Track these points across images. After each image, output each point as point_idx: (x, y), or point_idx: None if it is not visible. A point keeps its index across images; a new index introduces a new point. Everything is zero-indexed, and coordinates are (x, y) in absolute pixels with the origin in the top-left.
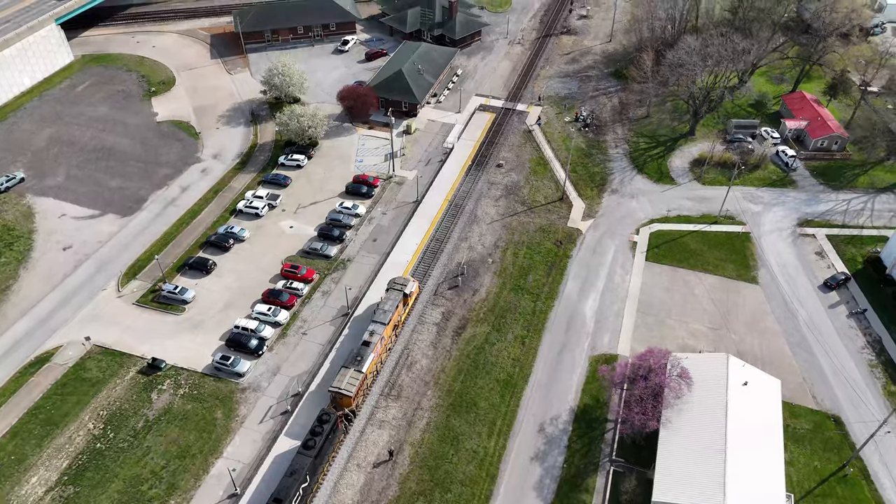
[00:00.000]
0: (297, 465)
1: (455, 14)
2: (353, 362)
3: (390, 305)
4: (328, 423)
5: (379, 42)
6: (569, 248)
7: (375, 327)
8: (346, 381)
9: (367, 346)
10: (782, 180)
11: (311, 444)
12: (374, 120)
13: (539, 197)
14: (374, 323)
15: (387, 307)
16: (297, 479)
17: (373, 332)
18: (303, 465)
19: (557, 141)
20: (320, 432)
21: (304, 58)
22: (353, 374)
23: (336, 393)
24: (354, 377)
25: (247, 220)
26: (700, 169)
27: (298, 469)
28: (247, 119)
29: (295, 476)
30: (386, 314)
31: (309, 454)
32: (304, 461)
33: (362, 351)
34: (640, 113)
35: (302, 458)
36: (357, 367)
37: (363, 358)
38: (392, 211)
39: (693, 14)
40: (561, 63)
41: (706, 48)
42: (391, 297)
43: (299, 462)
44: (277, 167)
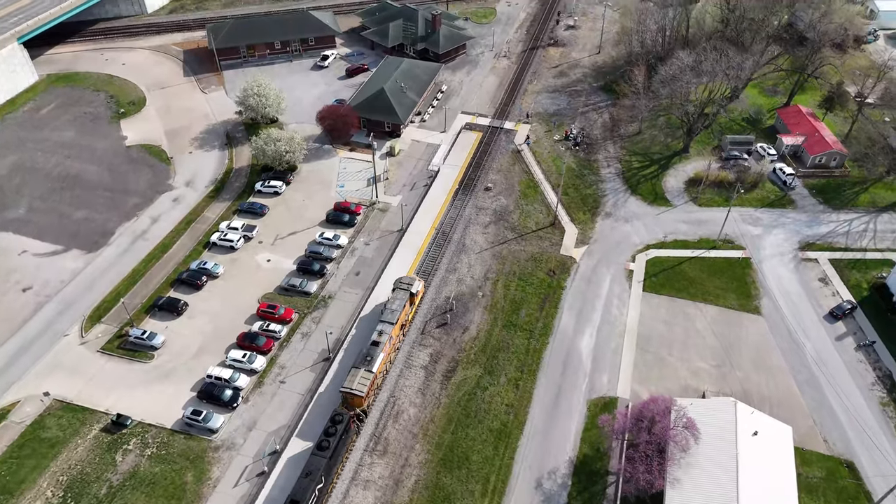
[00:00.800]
0: (312, 466)
1: (438, 27)
2: (363, 362)
3: (397, 305)
4: (341, 424)
5: (360, 56)
6: (562, 279)
7: (384, 327)
8: (358, 381)
9: (376, 346)
10: (781, 200)
11: (325, 444)
12: (356, 141)
13: (530, 223)
14: (382, 323)
15: (394, 307)
16: (312, 479)
17: (381, 332)
18: (318, 466)
19: (547, 161)
20: (334, 433)
21: (282, 74)
22: (363, 373)
23: (347, 393)
24: (365, 377)
25: (221, 254)
26: (696, 189)
27: (314, 470)
28: (221, 142)
29: (311, 477)
30: (394, 314)
31: (323, 455)
32: (319, 462)
33: (372, 351)
34: (631, 129)
35: (317, 460)
36: (367, 367)
37: (373, 358)
38: (376, 241)
39: (683, 25)
40: (549, 77)
41: (699, 63)
42: (398, 296)
43: (314, 463)
44: (254, 194)
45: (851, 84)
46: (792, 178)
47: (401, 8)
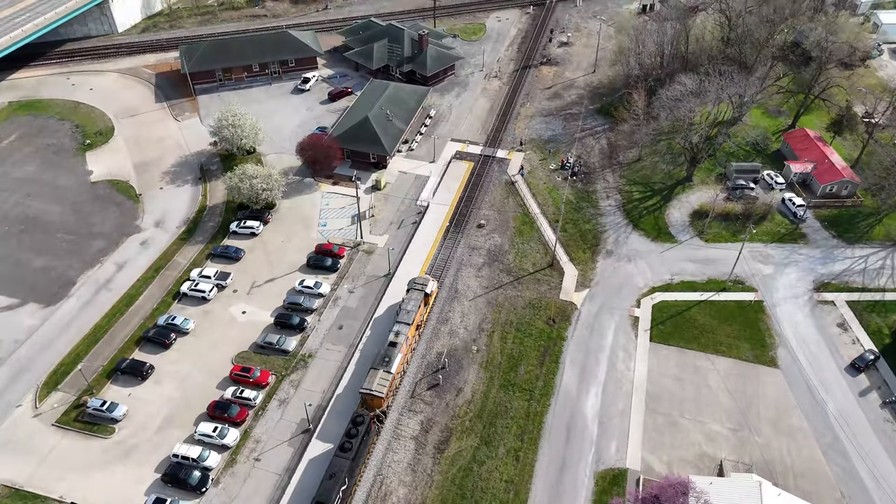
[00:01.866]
0: (336, 467)
1: (425, 48)
2: (381, 363)
3: (412, 306)
4: (363, 425)
5: (344, 79)
6: (563, 328)
7: (400, 328)
8: (377, 383)
9: (393, 347)
10: (792, 234)
11: (348, 446)
12: (340, 174)
13: (527, 264)
14: (399, 324)
15: (409, 307)
16: (336, 481)
17: (398, 333)
18: (341, 468)
19: (543, 193)
20: (356, 434)
21: (261, 99)
22: (382, 374)
23: (367, 394)
24: (384, 378)
25: (192, 306)
26: (701, 223)
27: (337, 472)
28: (195, 175)
29: (335, 479)
30: (409, 314)
31: (346, 456)
32: (343, 464)
33: (389, 352)
34: (631, 156)
35: (340, 461)
36: (386, 368)
37: (391, 359)
38: (361, 288)
39: (682, 42)
40: (542, 99)
41: (702, 88)
42: (413, 297)
43: (338, 465)
44: (229, 236)
45: (859, 103)
46: (803, 209)
47: (386, 27)
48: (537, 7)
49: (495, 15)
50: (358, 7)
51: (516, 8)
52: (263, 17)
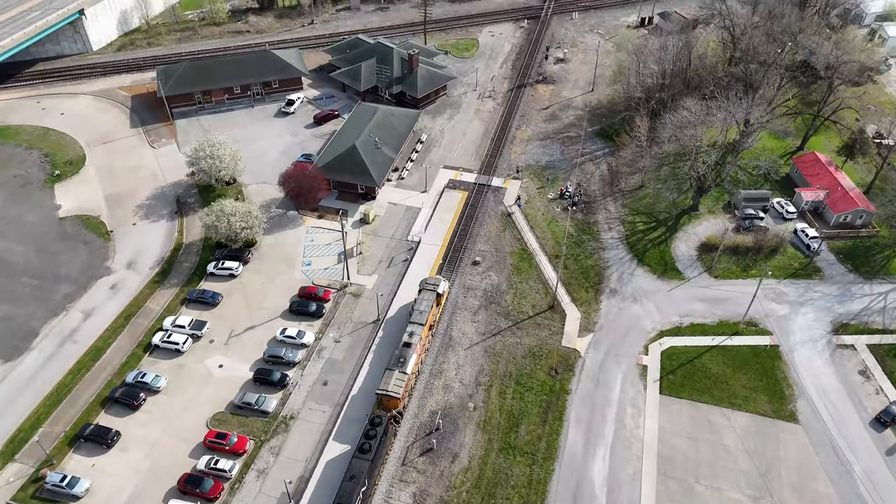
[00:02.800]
0: (356, 469)
1: (416, 68)
2: (396, 364)
3: (425, 306)
4: (380, 426)
5: (330, 100)
6: (566, 379)
7: (414, 328)
8: (393, 383)
9: (408, 348)
10: (806, 268)
11: (367, 447)
12: (326, 206)
13: (526, 306)
14: (412, 324)
15: (422, 308)
16: (356, 482)
17: (412, 334)
18: (361, 469)
19: (542, 226)
20: (374, 435)
21: (242, 123)
22: (398, 375)
23: (384, 395)
24: (400, 378)
25: (165, 359)
26: (710, 257)
27: (357, 473)
28: (171, 209)
29: (354, 480)
30: (422, 315)
31: (366, 458)
32: (362, 465)
33: (404, 352)
34: (633, 182)
35: (359, 462)
36: (401, 369)
37: (406, 359)
38: (347, 336)
39: (685, 60)
40: (539, 121)
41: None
42: (425, 297)
43: (357, 466)
44: (206, 278)
45: (869, 123)
46: (817, 241)
47: (374, 45)
48: (532, 21)
49: (488, 29)
50: (345, 21)
51: (510, 22)
52: (246, 32)
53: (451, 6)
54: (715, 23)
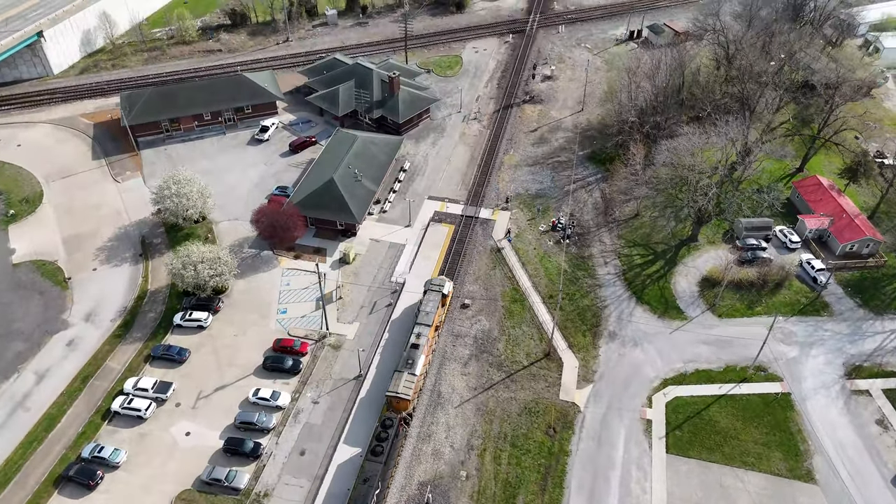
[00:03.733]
0: (370, 472)
1: (397, 91)
2: (405, 365)
3: (431, 307)
4: (392, 428)
5: (307, 125)
6: (565, 438)
7: (421, 329)
8: (403, 385)
9: (416, 349)
10: (813, 304)
11: (380, 449)
12: (303, 245)
13: (519, 354)
14: (419, 325)
15: (428, 309)
16: (371, 485)
17: (419, 335)
18: (375, 472)
19: (534, 262)
20: (386, 437)
21: (213, 152)
22: (407, 376)
23: (393, 397)
24: (410, 380)
25: (126, 427)
26: (712, 293)
27: (371, 476)
28: (135, 251)
29: (369, 483)
30: (429, 316)
31: (379, 460)
32: (376, 468)
33: (412, 354)
34: (628, 211)
35: (373, 465)
36: (410, 370)
37: (415, 360)
38: (327, 396)
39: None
40: (527, 144)
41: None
42: (431, 298)
43: (371, 469)
44: (172, 330)
45: (868, 141)
46: (824, 274)
47: (352, 66)
48: (517, 35)
49: (472, 45)
50: (322, 38)
51: (494, 37)
52: (218, 52)
53: (433, 20)
54: (708, 38)
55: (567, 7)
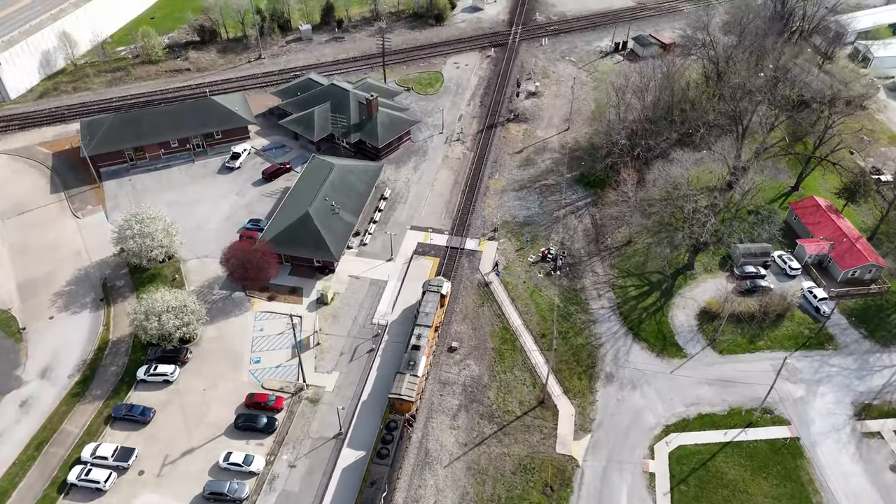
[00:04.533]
0: (376, 474)
1: (375, 113)
2: (407, 367)
3: (430, 308)
4: (396, 430)
5: (280, 150)
6: (564, 498)
7: (421, 330)
8: (405, 387)
9: (417, 350)
10: (817, 336)
11: (385, 452)
12: (278, 285)
13: (512, 402)
14: (419, 326)
15: (428, 310)
16: (378, 488)
17: (420, 336)
18: (381, 475)
19: (524, 297)
20: (390, 440)
21: (181, 183)
22: (409, 378)
23: (396, 399)
24: (412, 381)
25: (84, 502)
26: (711, 326)
27: (378, 479)
28: (96, 295)
29: (376, 486)
30: (428, 317)
31: (385, 463)
32: (382, 470)
33: (414, 355)
34: (620, 237)
35: (379, 468)
36: (412, 372)
37: (416, 362)
38: (304, 458)
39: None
40: (513, 167)
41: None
42: (430, 299)
43: (377, 472)
44: (136, 386)
45: (864, 157)
46: (827, 304)
47: (328, 87)
48: (498, 48)
49: (453, 60)
50: (296, 55)
51: (475, 51)
52: (186, 71)
53: (412, 34)
54: (698, 53)
55: (549, 18)
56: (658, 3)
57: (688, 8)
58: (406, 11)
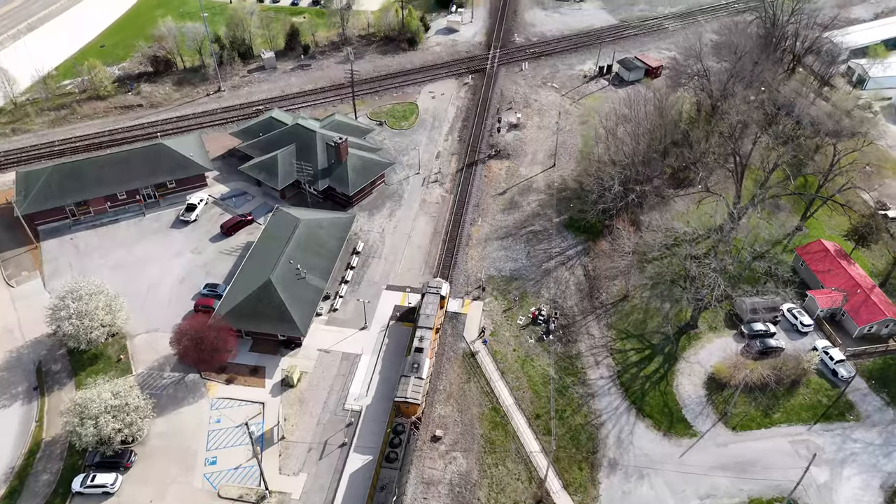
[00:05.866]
0: (386, 479)
1: (344, 157)
2: (411, 370)
3: (431, 309)
4: (404, 434)
5: (241, 199)
6: None
7: (424, 333)
8: (411, 390)
9: (420, 353)
10: (836, 405)
11: (394, 456)
12: (237, 364)
13: (506, 502)
14: (421, 329)
15: (428, 311)
16: (388, 492)
17: (422, 338)
18: (391, 479)
19: (514, 368)
20: (398, 444)
21: (130, 240)
22: (414, 381)
23: (402, 402)
24: (417, 384)
25: None
26: (721, 397)
27: (388, 483)
28: (29, 384)
29: (386, 490)
30: (429, 318)
31: (394, 467)
32: (392, 474)
33: (417, 357)
34: (615, 291)
35: (389, 472)
36: (417, 375)
37: (420, 364)
38: None
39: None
40: (497, 211)
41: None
42: (430, 300)
43: (387, 476)
44: (72, 499)
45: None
46: (845, 367)
47: (292, 127)
48: (476, 74)
49: (428, 89)
50: (259, 86)
51: (452, 78)
52: (138, 107)
53: (383, 60)
54: (690, 84)
55: (529, 39)
56: (642, 22)
57: (673, 26)
58: (377, 35)
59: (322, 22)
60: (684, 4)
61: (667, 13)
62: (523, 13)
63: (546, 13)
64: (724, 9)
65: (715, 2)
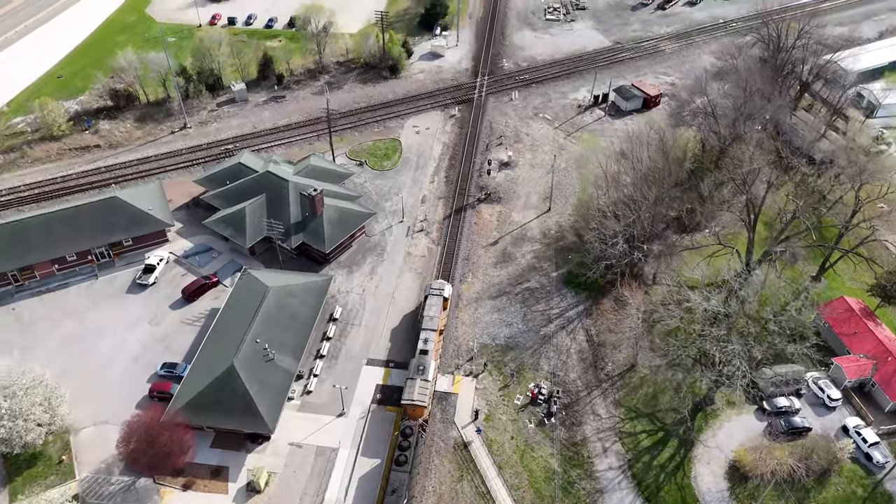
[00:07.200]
0: (396, 482)
1: (320, 210)
2: (417, 372)
3: (434, 311)
4: (412, 436)
5: (206, 256)
6: None
7: (428, 335)
8: (417, 392)
9: (425, 355)
10: (873, 496)
11: (403, 459)
12: (196, 464)
13: None
14: (425, 331)
15: (432, 313)
16: (399, 496)
17: (427, 340)
18: (401, 482)
19: (513, 462)
20: (407, 446)
21: (80, 308)
22: (420, 383)
23: (409, 405)
24: (423, 386)
25: None
26: (745, 490)
27: (398, 486)
28: None
29: (396, 494)
30: (433, 320)
31: (404, 469)
32: (402, 477)
33: (422, 360)
34: (622, 360)
35: (399, 475)
36: (423, 377)
37: (426, 366)
38: None
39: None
40: (488, 265)
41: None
42: (433, 302)
43: (397, 479)
44: None
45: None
46: (881, 450)
47: (262, 175)
48: (463, 105)
49: (412, 123)
50: (228, 122)
51: (438, 109)
52: (95, 148)
53: (364, 89)
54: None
55: (518, 64)
56: (637, 43)
57: (670, 48)
58: (357, 61)
59: (297, 47)
60: (680, 24)
61: (662, 33)
62: (512, 35)
63: (536, 34)
64: (721, 28)
65: (712, 21)
